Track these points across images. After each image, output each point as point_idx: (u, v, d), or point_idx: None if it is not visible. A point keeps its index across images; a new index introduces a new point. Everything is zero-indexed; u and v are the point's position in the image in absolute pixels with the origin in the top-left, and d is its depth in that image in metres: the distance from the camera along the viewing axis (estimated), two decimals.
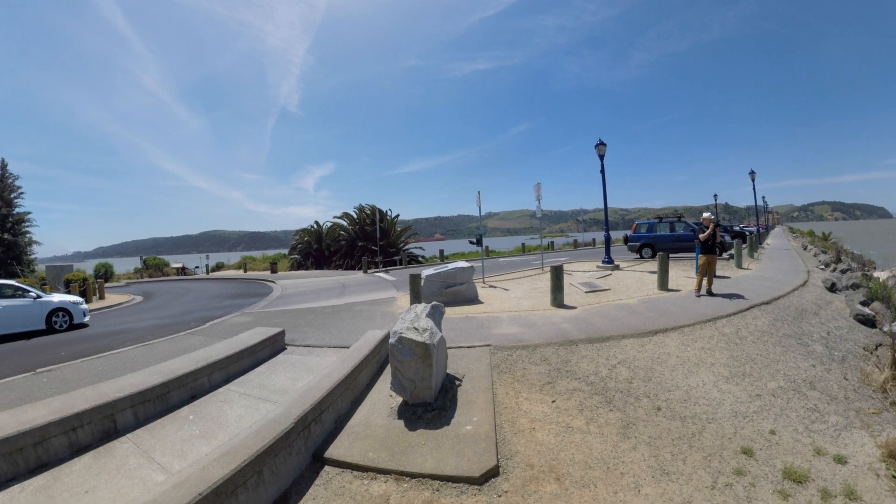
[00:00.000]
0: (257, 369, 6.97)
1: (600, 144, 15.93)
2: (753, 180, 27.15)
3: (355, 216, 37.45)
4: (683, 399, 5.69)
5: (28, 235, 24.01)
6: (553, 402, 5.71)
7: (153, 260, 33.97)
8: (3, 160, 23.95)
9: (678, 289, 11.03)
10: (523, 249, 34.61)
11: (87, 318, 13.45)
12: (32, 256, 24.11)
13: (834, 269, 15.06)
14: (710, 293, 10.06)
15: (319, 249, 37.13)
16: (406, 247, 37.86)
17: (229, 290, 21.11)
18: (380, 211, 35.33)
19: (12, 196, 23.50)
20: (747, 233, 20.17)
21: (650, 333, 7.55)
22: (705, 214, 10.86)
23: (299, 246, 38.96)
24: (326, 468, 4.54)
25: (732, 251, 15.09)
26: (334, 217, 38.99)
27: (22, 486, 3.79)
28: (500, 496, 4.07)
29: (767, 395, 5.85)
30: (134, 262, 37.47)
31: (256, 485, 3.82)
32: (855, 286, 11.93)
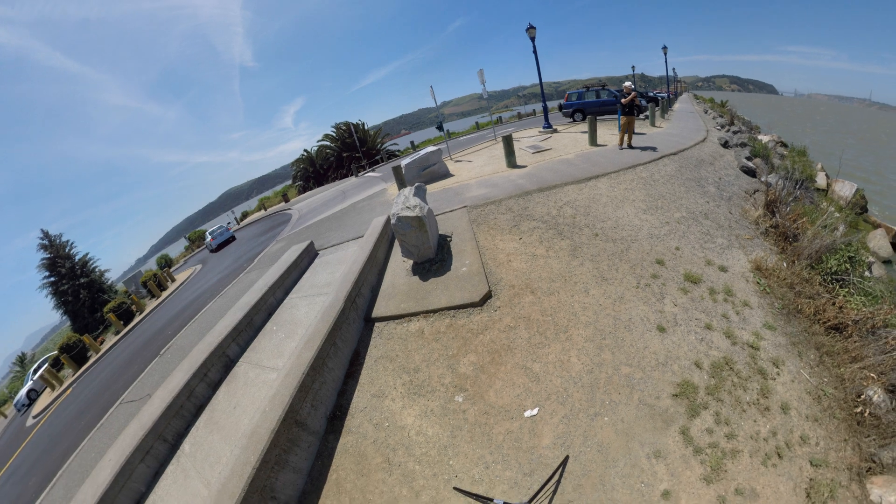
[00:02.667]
0: (304, 276, 7.13)
1: (530, 28, 13.95)
2: (666, 54, 24.94)
3: (335, 134, 34.34)
4: (613, 227, 6.09)
5: (97, 270, 23.88)
6: (520, 239, 6.05)
7: (195, 234, 31.64)
8: (43, 231, 22.97)
9: (605, 144, 10.86)
10: (477, 127, 32.59)
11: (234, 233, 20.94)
12: (109, 283, 24.33)
13: (728, 130, 14.79)
14: (630, 147, 9.93)
15: (315, 171, 34.99)
16: (383, 146, 35.65)
17: (260, 229, 20.29)
18: (353, 125, 32.45)
19: (67, 250, 23.05)
20: (660, 98, 19.02)
21: (586, 180, 7.66)
22: (626, 83, 10.32)
23: (299, 174, 36.59)
24: (376, 324, 5.07)
25: (647, 113, 14.54)
26: (318, 141, 35.74)
27: (196, 426, 4.24)
28: (496, 310, 4.70)
29: (674, 223, 6.24)
30: (182, 243, 35.75)
31: (335, 352, 4.33)
32: (743, 145, 11.96)
